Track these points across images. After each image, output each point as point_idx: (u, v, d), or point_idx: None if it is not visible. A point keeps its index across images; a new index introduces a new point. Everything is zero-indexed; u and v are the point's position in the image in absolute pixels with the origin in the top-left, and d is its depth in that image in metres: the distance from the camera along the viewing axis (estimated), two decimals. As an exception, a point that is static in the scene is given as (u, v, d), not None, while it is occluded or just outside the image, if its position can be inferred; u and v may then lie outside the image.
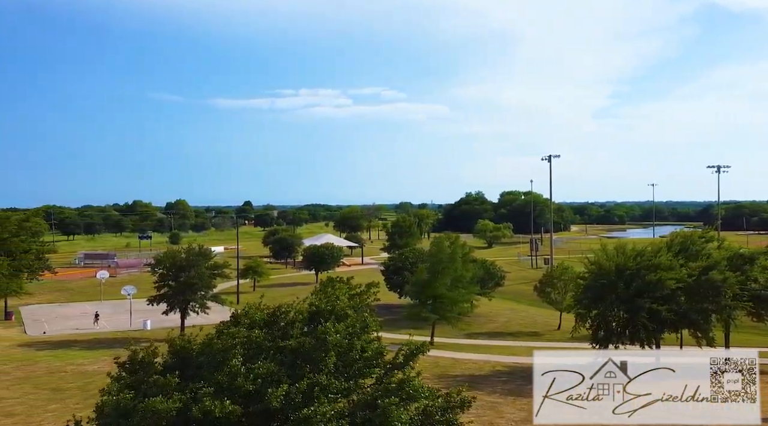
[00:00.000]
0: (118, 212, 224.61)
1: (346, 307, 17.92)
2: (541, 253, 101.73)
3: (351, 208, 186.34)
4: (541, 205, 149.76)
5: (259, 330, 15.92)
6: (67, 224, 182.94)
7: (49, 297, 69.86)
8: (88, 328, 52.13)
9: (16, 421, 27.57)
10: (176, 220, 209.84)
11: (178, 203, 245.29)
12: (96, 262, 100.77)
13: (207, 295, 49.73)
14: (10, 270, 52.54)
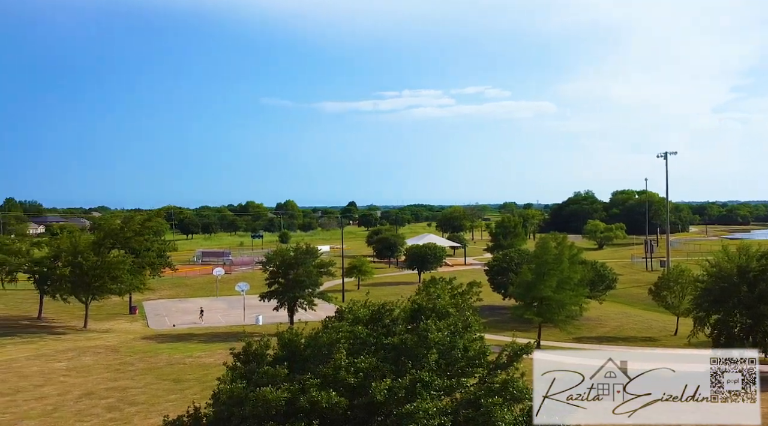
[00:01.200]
0: (233, 212, 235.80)
1: (448, 305, 17.92)
2: (657, 255, 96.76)
3: (453, 209, 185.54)
4: (656, 204, 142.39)
5: (363, 326, 16.27)
6: (186, 224, 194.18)
7: (169, 292, 74.49)
8: (204, 323, 55.05)
9: (140, 409, 29.59)
10: (285, 220, 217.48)
11: (287, 204, 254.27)
12: (212, 260, 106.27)
13: (314, 292, 51.30)
14: (134, 267, 56.21)
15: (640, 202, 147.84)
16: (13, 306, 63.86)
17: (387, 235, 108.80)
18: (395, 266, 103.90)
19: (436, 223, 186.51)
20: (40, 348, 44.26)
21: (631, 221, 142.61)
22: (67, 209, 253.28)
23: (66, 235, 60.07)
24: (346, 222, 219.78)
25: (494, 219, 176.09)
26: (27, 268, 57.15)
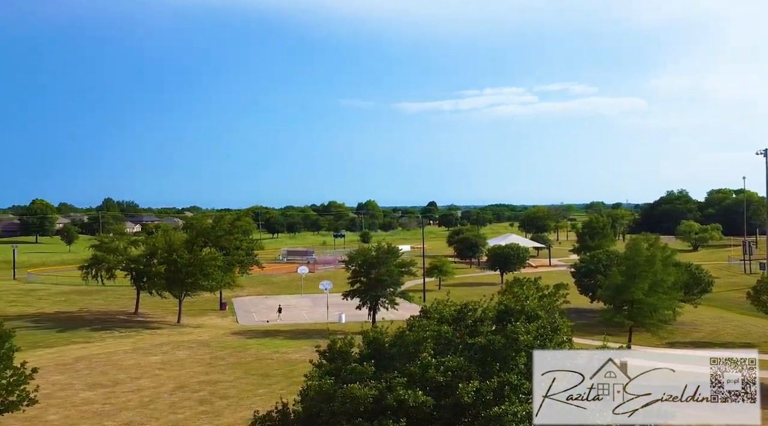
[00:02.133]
0: (316, 212, 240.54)
1: (537, 307, 17.51)
2: (756, 256, 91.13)
3: (537, 208, 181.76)
4: (755, 204, 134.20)
5: (448, 325, 16.13)
6: (272, 223, 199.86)
7: (257, 289, 76.78)
8: (281, 320, 56.28)
9: (230, 402, 30.61)
10: (366, 220, 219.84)
11: (368, 204, 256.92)
12: (297, 259, 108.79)
13: (395, 291, 51.54)
14: (224, 264, 58.30)
15: (738, 202, 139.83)
16: (112, 301, 67.64)
17: (468, 235, 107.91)
18: (476, 267, 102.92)
19: (518, 223, 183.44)
20: (136, 342, 46.62)
21: (727, 222, 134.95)
22: (162, 209, 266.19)
23: (161, 233, 63.09)
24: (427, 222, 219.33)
25: (580, 219, 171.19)
26: (125, 265, 60.46)
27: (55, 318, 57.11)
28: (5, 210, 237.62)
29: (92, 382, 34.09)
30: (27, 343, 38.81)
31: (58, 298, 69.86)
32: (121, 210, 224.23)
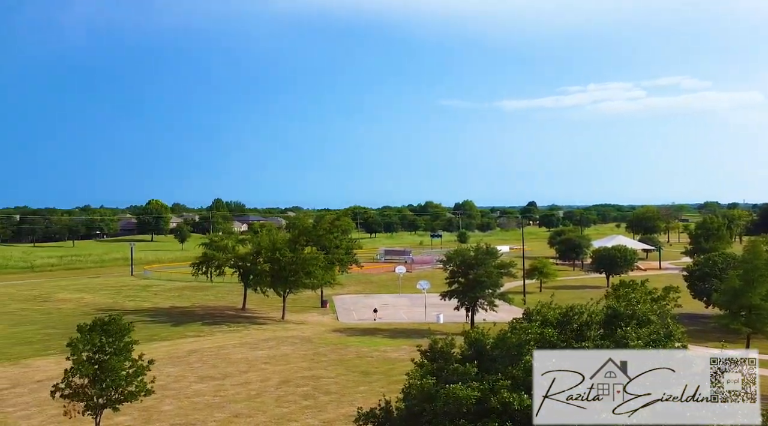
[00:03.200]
0: (413, 212, 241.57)
1: (648, 312, 16.70)
2: None
3: (646, 208, 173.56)
4: None
5: (552, 329, 15.67)
6: (370, 223, 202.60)
7: (356, 288, 78.04)
8: (387, 319, 56.85)
9: (332, 398, 31.24)
10: (464, 220, 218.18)
11: (465, 204, 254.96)
12: (394, 258, 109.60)
13: (495, 292, 50.75)
14: (325, 263, 59.69)
15: None
16: (221, 297, 70.87)
17: (571, 236, 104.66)
18: (580, 269, 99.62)
19: (625, 224, 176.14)
20: (244, 337, 48.59)
21: None
22: (266, 209, 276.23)
23: (265, 232, 65.45)
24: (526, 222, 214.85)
25: (694, 220, 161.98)
26: (233, 263, 63.25)
27: (169, 312, 60.55)
28: (124, 210, 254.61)
29: (203, 375, 35.84)
30: (144, 337, 41.36)
31: (172, 294, 74.05)
32: (229, 210, 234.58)
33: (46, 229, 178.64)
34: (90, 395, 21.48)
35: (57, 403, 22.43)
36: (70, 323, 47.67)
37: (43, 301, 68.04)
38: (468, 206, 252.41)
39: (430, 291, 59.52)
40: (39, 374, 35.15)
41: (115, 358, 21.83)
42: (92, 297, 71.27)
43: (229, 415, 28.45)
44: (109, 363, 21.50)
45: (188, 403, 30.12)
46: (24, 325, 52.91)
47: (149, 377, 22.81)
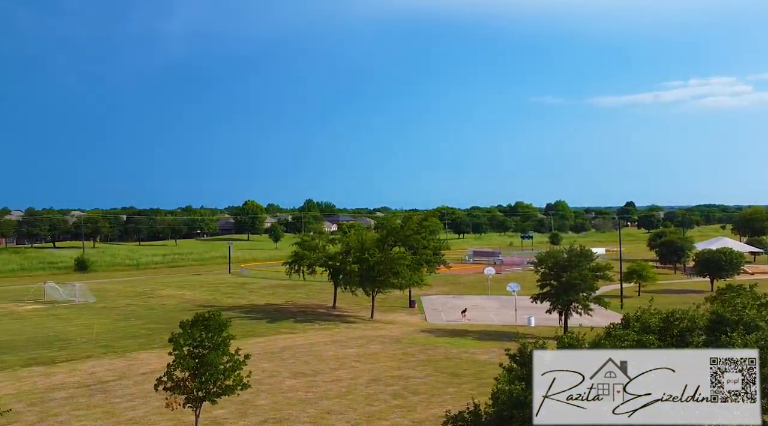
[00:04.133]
0: (502, 213, 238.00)
1: (757, 318, 15.65)
2: None
3: (754, 209, 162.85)
4: None
5: (652, 335, 14.97)
6: (458, 224, 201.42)
7: (444, 289, 77.77)
8: (476, 321, 56.28)
9: (421, 399, 31.24)
10: (556, 221, 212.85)
11: (557, 204, 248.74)
12: (483, 259, 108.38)
13: (589, 296, 49.12)
14: (413, 263, 59.84)
15: None
16: (313, 296, 72.54)
17: (672, 238, 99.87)
18: (682, 272, 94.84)
19: (731, 225, 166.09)
20: (334, 334, 49.50)
21: None
22: (355, 209, 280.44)
23: (353, 233, 66.41)
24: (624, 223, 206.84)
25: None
26: (323, 262, 64.62)
27: (264, 309, 62.59)
28: (222, 210, 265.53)
29: (296, 371, 36.79)
30: (240, 332, 42.89)
31: (266, 291, 76.55)
32: (320, 210, 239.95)
33: (151, 229, 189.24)
34: (190, 388, 22.48)
35: (160, 395, 23.64)
36: (172, 318, 50.28)
37: (148, 297, 72.06)
38: (560, 206, 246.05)
39: (520, 293, 58.44)
40: (143, 367, 37.22)
41: (214, 352, 22.71)
42: (193, 293, 74.80)
43: (321, 411, 29.04)
44: (209, 357, 22.42)
45: (282, 398, 31.00)
46: (130, 319, 56.20)
47: (245, 372, 23.59)
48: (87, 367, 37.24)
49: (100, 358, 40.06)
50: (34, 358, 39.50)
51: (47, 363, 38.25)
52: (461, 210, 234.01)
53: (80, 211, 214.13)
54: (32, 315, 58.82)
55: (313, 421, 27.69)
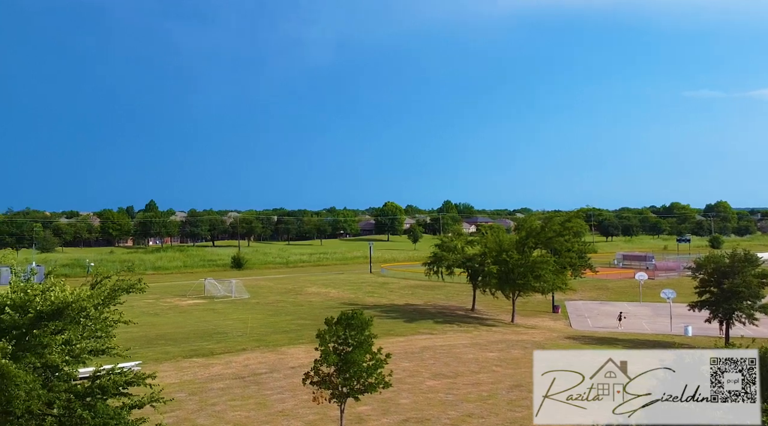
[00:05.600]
0: (655, 214, 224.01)
1: None
2: None
3: None
4: None
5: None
6: (605, 225, 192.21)
7: (590, 294, 74.45)
8: (622, 328, 53.28)
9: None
10: (716, 223, 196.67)
11: (718, 205, 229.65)
12: (633, 264, 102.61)
13: (754, 305, 44.86)
14: (556, 266, 57.80)
15: None
16: (452, 297, 72.42)
17: None
18: None
19: None
20: (474, 337, 49.02)
21: None
22: (495, 210, 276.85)
23: (491, 234, 65.45)
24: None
25: None
26: (462, 263, 64.31)
27: (403, 309, 63.45)
28: (363, 211, 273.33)
29: (436, 372, 36.84)
30: (381, 331, 43.66)
31: (406, 292, 77.56)
32: (458, 211, 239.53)
33: (299, 229, 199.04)
34: (335, 384, 23.19)
35: (307, 389, 24.59)
36: (319, 315, 52.32)
37: (296, 294, 75.66)
38: (722, 207, 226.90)
39: (675, 301, 54.50)
40: (292, 361, 39.01)
41: (357, 350, 23.27)
42: (337, 292, 77.53)
43: (461, 413, 28.82)
44: (352, 355, 23.00)
45: (423, 399, 31.14)
46: (280, 315, 59.28)
47: (387, 370, 23.93)
48: (242, 360, 39.72)
49: (253, 351, 42.58)
50: (195, 350, 42.75)
51: (206, 355, 41.25)
52: (609, 211, 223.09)
53: (237, 212, 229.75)
54: (193, 309, 63.87)
55: (454, 423, 27.53)
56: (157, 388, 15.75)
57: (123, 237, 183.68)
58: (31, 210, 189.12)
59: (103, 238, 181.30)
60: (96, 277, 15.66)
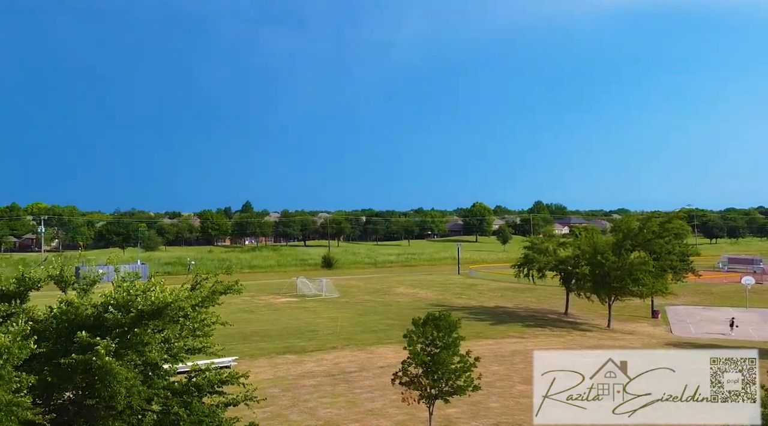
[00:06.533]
0: (763, 215, 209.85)
1: None
2: None
3: None
4: None
5: None
6: (710, 227, 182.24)
7: (692, 299, 70.67)
8: (734, 335, 50.24)
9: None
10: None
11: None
12: (739, 267, 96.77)
13: None
14: (656, 270, 55.16)
15: None
16: (543, 300, 70.71)
17: None
18: None
19: None
20: (567, 342, 47.60)
21: None
22: (589, 211, 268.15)
23: (585, 235, 63.32)
24: None
25: None
26: (553, 266, 62.59)
27: (493, 312, 62.54)
28: (451, 212, 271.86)
29: (527, 376, 35.89)
30: (470, 333, 43.19)
31: (495, 294, 76.45)
32: (550, 212, 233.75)
33: (387, 230, 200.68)
34: (424, 385, 23.14)
35: (396, 389, 24.67)
36: (407, 316, 52.28)
37: (384, 294, 76.26)
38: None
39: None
40: (381, 360, 39.31)
41: (445, 352, 23.10)
42: (425, 292, 77.52)
43: (552, 421, 28.03)
44: (440, 357, 22.86)
45: (513, 403, 30.57)
46: (369, 314, 59.90)
47: (476, 373, 23.63)
48: (332, 358, 40.44)
49: (343, 349, 43.25)
50: (288, 347, 43.92)
51: (298, 352, 42.29)
52: (713, 212, 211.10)
53: (326, 212, 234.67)
54: (286, 307, 65.67)
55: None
56: (251, 387, 16.20)
57: (221, 236, 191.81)
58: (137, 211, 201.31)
59: (202, 238, 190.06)
60: (196, 278, 16.35)
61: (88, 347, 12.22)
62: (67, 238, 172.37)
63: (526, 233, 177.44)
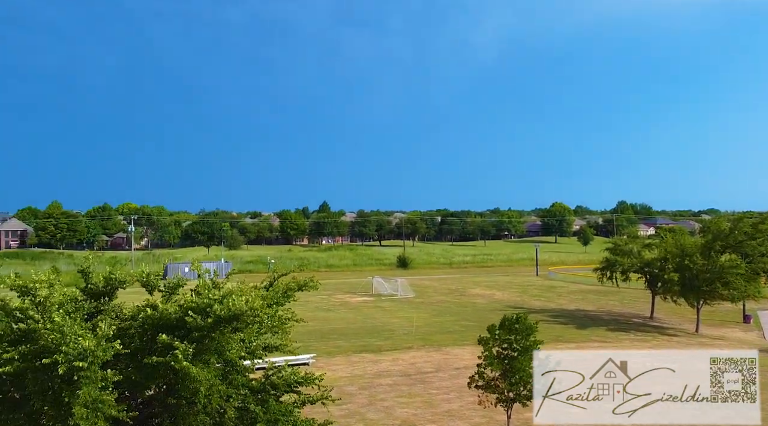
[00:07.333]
0: None
1: None
2: None
3: None
4: None
5: None
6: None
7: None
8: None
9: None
10: None
11: None
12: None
13: None
14: (747, 273, 52.27)
15: None
16: (627, 304, 68.28)
17: None
18: None
19: None
20: (653, 347, 45.73)
21: None
22: (677, 211, 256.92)
23: (671, 237, 60.62)
24: None
25: None
26: (638, 268, 60.25)
27: (573, 315, 60.90)
28: (529, 212, 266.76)
29: (608, 382, 34.88)
30: (549, 336, 42.33)
31: (576, 296, 74.44)
32: (634, 212, 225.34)
33: (462, 230, 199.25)
34: (501, 389, 22.79)
35: (472, 391, 24.43)
36: (483, 317, 51.94)
37: (460, 294, 75.73)
38: None
39: None
40: (457, 362, 39.03)
41: (522, 357, 22.66)
42: (502, 294, 76.45)
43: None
44: (518, 361, 22.45)
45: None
46: (444, 315, 59.61)
47: (555, 379, 23.05)
48: (408, 358, 40.49)
49: (419, 349, 43.23)
50: (364, 346, 44.31)
51: (375, 351, 42.58)
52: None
53: (402, 212, 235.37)
54: (362, 306, 66.31)
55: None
56: (327, 387, 16.34)
57: (299, 236, 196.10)
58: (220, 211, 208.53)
59: (282, 237, 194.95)
60: (272, 276, 16.73)
61: (168, 348, 12.68)
62: (156, 237, 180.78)
63: (609, 234, 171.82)
